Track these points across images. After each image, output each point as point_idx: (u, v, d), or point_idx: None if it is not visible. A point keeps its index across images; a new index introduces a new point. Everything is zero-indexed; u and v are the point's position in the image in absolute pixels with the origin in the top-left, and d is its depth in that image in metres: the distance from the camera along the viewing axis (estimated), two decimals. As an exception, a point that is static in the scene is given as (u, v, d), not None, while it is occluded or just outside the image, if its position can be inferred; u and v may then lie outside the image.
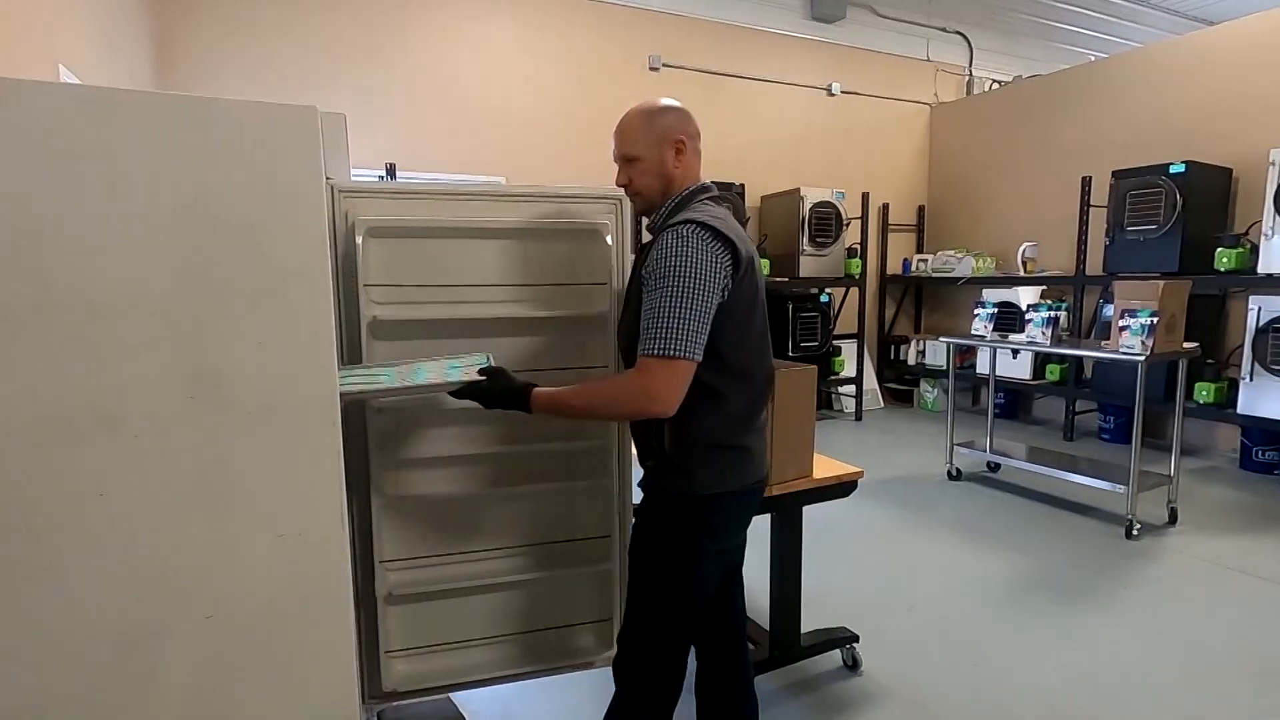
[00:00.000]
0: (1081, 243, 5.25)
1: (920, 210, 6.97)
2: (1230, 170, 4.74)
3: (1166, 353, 3.40)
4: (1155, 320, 3.28)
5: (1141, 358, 3.30)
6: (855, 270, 5.90)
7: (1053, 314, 3.81)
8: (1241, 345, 4.28)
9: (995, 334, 4.20)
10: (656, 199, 1.43)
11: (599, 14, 5.36)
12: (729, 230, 1.31)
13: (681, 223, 1.29)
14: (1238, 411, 4.26)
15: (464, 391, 1.39)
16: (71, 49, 2.61)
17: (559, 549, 1.85)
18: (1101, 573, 3.00)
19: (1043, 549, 3.26)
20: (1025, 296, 5.38)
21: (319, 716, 1.07)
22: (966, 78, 6.98)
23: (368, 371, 1.48)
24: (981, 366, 5.51)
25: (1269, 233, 4.20)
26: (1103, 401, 5.19)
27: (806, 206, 5.59)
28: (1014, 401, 6.15)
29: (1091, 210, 5.18)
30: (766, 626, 2.23)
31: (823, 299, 5.82)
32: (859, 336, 6.13)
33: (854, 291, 6.09)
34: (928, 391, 6.50)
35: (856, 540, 3.41)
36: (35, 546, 0.87)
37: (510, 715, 2.10)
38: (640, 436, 1.45)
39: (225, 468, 0.97)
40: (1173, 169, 4.56)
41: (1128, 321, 3.36)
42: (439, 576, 1.82)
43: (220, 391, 0.95)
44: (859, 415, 6.08)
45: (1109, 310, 4.24)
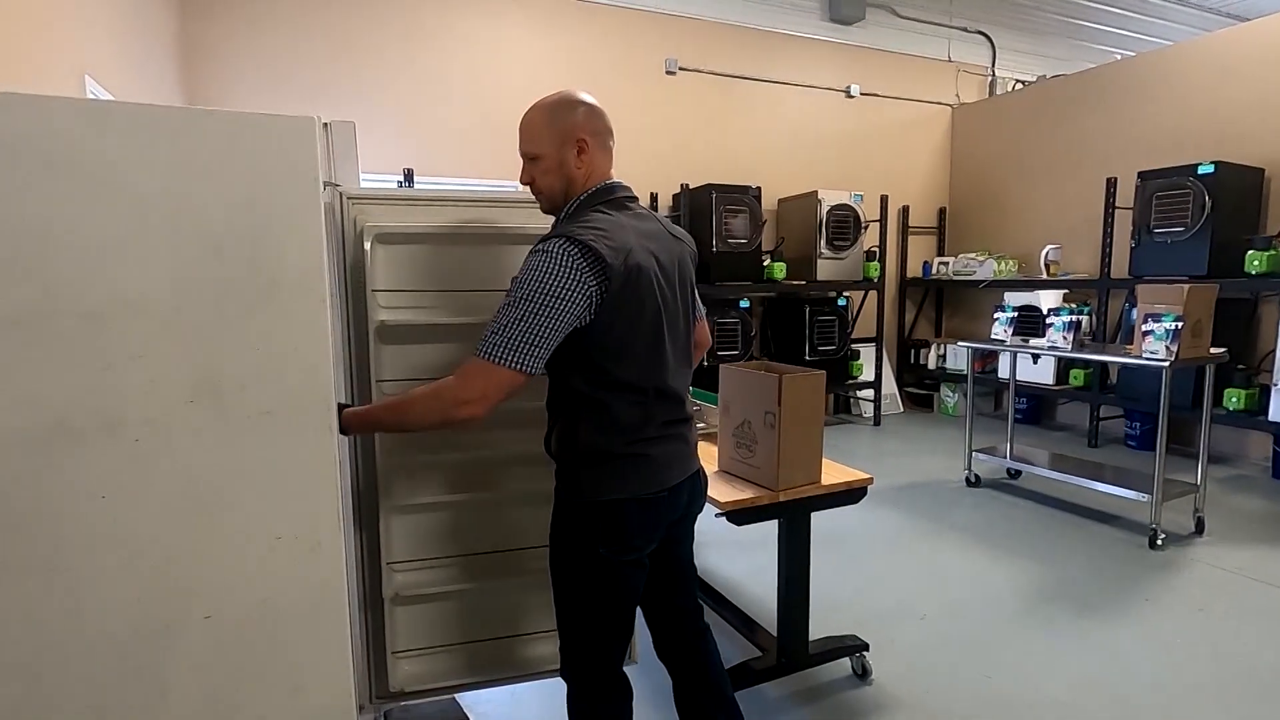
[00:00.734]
0: (1106, 245, 5.14)
1: (941, 212, 6.89)
2: (1262, 170, 4.61)
3: (1192, 358, 3.31)
4: (1180, 325, 3.20)
5: (1165, 363, 3.22)
6: (874, 273, 5.84)
7: (1074, 318, 3.74)
8: (1273, 351, 4.16)
9: (1016, 338, 4.13)
10: (559, 199, 1.40)
11: (616, 18, 5.38)
12: (608, 244, 1.24)
13: (555, 236, 1.25)
14: (1269, 419, 4.14)
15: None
16: (98, 60, 2.69)
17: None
18: (1122, 583, 2.93)
19: (1062, 558, 3.19)
20: (1048, 300, 5.28)
21: (317, 717, 1.09)
22: (989, 78, 6.88)
23: None
24: (1003, 371, 5.42)
25: (1302, 235, 4.07)
26: (1128, 408, 5.07)
27: (824, 209, 5.54)
28: (1037, 407, 6.04)
29: (1117, 212, 5.07)
30: (775, 633, 2.21)
31: (840, 302, 5.77)
32: (877, 340, 6.06)
33: (873, 295, 6.04)
34: (948, 396, 6.41)
35: (870, 547, 3.37)
36: (39, 547, 0.90)
37: (517, 716, 2.11)
38: (548, 426, 1.44)
39: (224, 471, 0.99)
40: (1201, 169, 4.45)
41: (1151, 326, 3.28)
42: (446, 578, 1.83)
43: (219, 396, 0.97)
44: (877, 420, 6.02)
45: (1135, 314, 4.15)
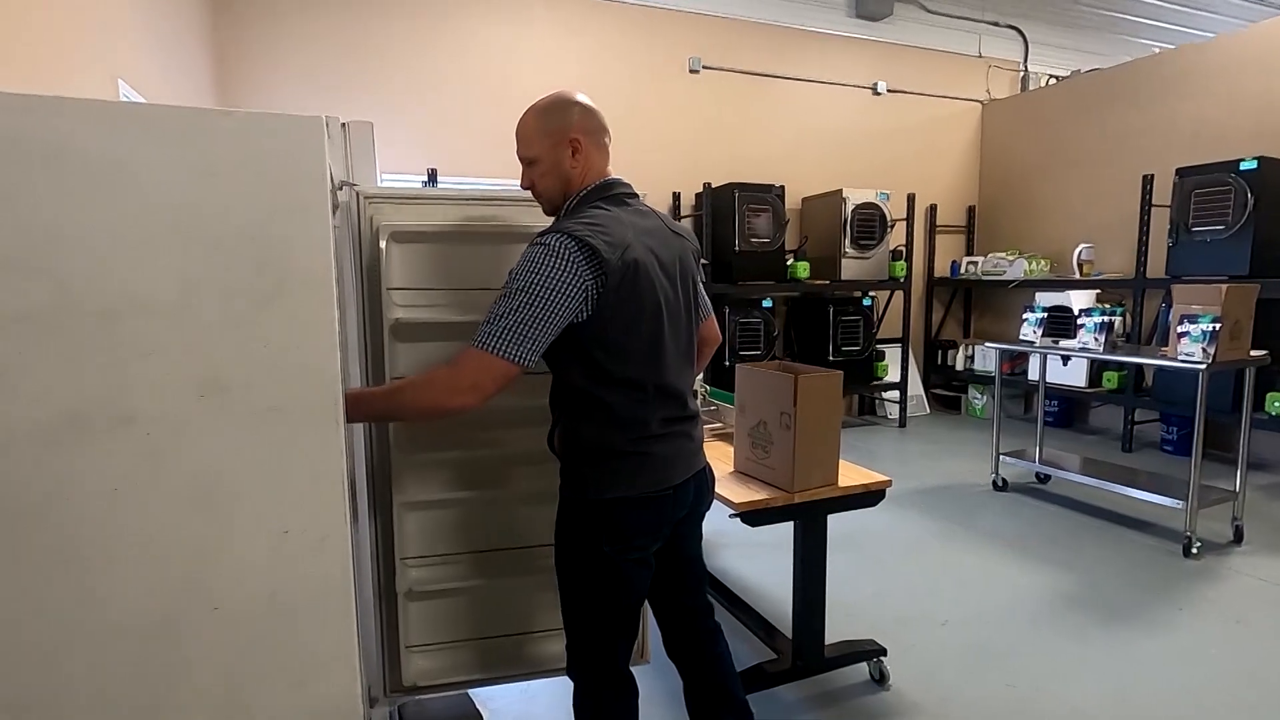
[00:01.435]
0: (1142, 244, 4.99)
1: (970, 211, 6.75)
2: (1309, 166, 4.44)
3: (1230, 361, 3.20)
4: (1217, 326, 3.09)
5: (1202, 366, 3.11)
6: (900, 273, 5.75)
7: (1107, 319, 3.64)
8: (1319, 353, 3.99)
9: (1046, 339, 4.03)
10: (558, 200, 1.41)
11: (639, 17, 5.38)
12: (605, 239, 1.25)
13: (552, 232, 1.25)
14: (1314, 424, 3.98)
15: None
16: (131, 64, 2.76)
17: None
18: (1154, 592, 2.85)
19: (1091, 565, 3.11)
20: (1079, 300, 5.14)
21: (323, 711, 1.10)
22: (1021, 73, 6.73)
23: None
24: (1032, 373, 5.29)
25: (1351, 233, 3.91)
26: (1165, 411, 4.92)
27: (849, 208, 5.47)
28: (1069, 410, 5.89)
29: (1154, 210, 4.92)
30: (790, 635, 2.19)
31: (865, 302, 5.69)
32: (903, 341, 5.97)
33: (899, 295, 5.94)
34: (976, 398, 6.29)
35: (891, 551, 3.32)
36: (52, 539, 0.92)
37: (529, 713, 2.12)
38: (548, 440, 1.46)
39: (232, 466, 1.00)
40: (1243, 165, 4.29)
41: (1187, 327, 3.18)
42: (458, 574, 1.85)
43: (227, 392, 0.99)
44: (903, 422, 5.92)
45: (1171, 315, 4.02)
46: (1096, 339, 3.64)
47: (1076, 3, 6.69)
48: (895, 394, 5.96)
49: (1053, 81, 6.61)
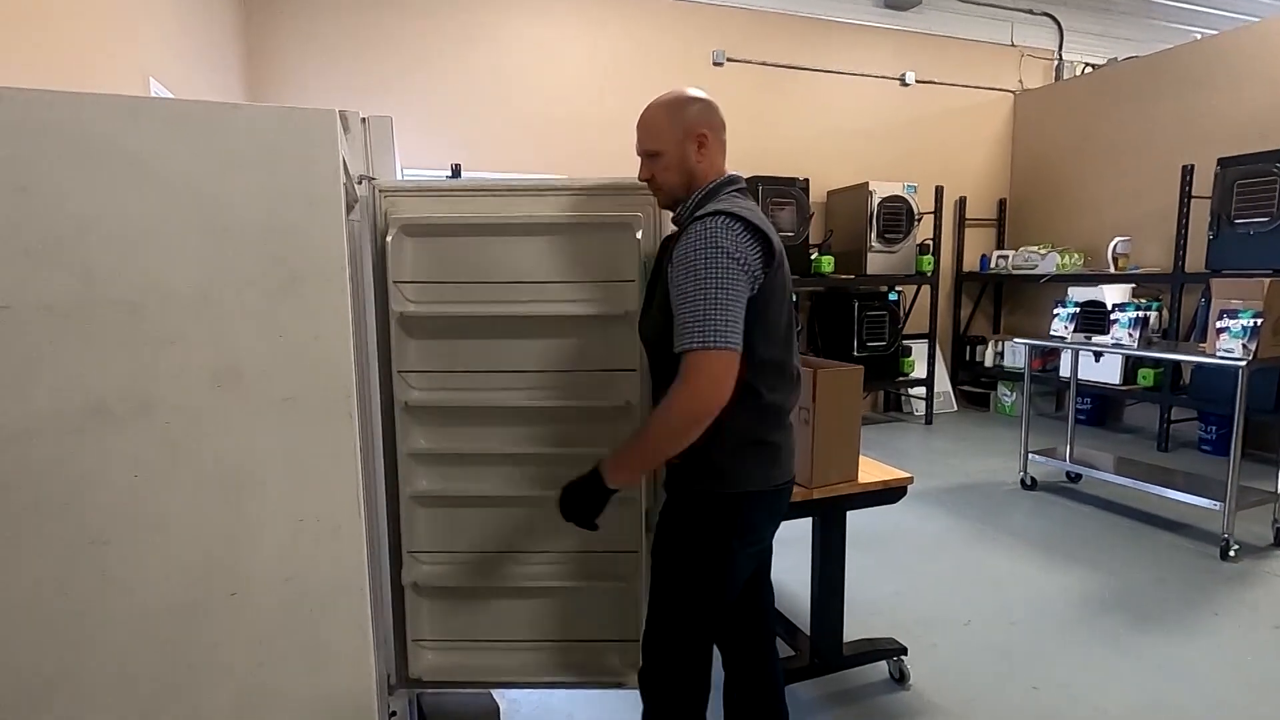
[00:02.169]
0: (1181, 237, 4.83)
1: (1001, 204, 6.61)
2: (1360, 155, 4.26)
3: (1272, 358, 3.09)
4: (1259, 321, 2.98)
5: (1242, 363, 3.01)
6: (927, 267, 5.65)
7: (1141, 314, 3.53)
8: (1368, 350, 3.83)
9: (1078, 335, 3.93)
10: (679, 194, 1.40)
11: (662, 10, 5.34)
12: (759, 222, 1.27)
13: (710, 214, 1.25)
14: (1362, 424, 3.83)
15: (564, 513, 1.40)
16: (162, 62, 2.82)
17: (586, 559, 1.81)
18: (1188, 596, 2.76)
19: (1122, 567, 3.02)
20: (1114, 295, 5.00)
21: (336, 695, 1.12)
22: (1055, 62, 6.55)
23: None
24: (1064, 370, 5.16)
25: (1405, 225, 3.74)
26: (1203, 410, 4.77)
27: (875, 201, 5.39)
28: (1102, 408, 5.74)
29: (1193, 202, 4.76)
30: (809, 633, 2.17)
31: (891, 297, 5.61)
32: (930, 336, 5.87)
33: (926, 290, 5.84)
34: (1005, 395, 6.16)
35: (915, 549, 3.27)
36: (75, 523, 0.94)
37: (548, 707, 2.13)
38: None
39: (248, 455, 1.02)
40: (1289, 155, 4.14)
41: (1226, 323, 3.07)
42: (466, 572, 1.82)
43: (244, 383, 1.01)
44: (929, 419, 5.83)
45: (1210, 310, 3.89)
46: (1131, 334, 3.54)
47: (1114, -12, 6.50)
48: (922, 390, 5.86)
49: (1088, 70, 6.43)
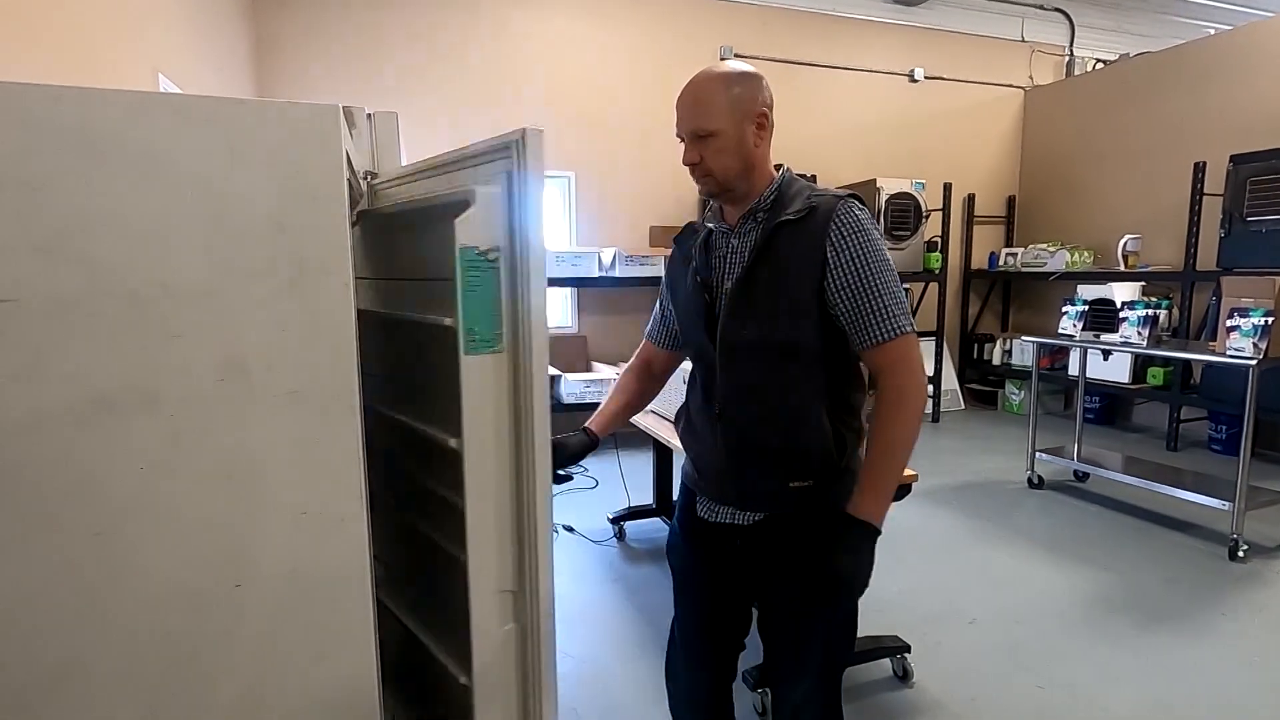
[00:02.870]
0: (1192, 235, 4.79)
1: (1010, 201, 6.57)
2: (1375, 152, 4.21)
3: (1284, 357, 3.06)
4: (1270, 320, 2.95)
5: (1253, 362, 2.99)
6: (935, 265, 5.63)
7: (1151, 312, 3.50)
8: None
9: (1087, 333, 3.91)
10: (734, 183, 1.23)
11: (670, 5, 5.33)
12: None
13: (844, 199, 1.19)
14: (1375, 424, 3.79)
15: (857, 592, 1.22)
16: (171, 58, 2.83)
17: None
18: (1197, 596, 2.75)
19: (1129, 567, 3.01)
20: (1123, 293, 4.97)
21: (341, 687, 1.12)
22: (1066, 58, 6.50)
23: None
24: (1073, 369, 5.13)
25: None
26: (1213, 409, 4.73)
27: (883, 198, 5.37)
28: (1110, 407, 5.70)
29: (1205, 199, 4.72)
30: (812, 631, 2.17)
31: (898, 294, 5.58)
32: (938, 334, 5.84)
33: (933, 287, 5.82)
34: (1013, 394, 6.13)
35: (920, 547, 3.26)
36: (82, 515, 0.95)
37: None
38: (786, 441, 1.23)
39: (252, 448, 1.03)
40: (1303, 152, 4.10)
41: (1237, 321, 3.04)
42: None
43: (249, 376, 1.01)
44: (936, 417, 5.81)
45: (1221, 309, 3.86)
46: (1140, 333, 3.51)
47: (1126, -16, 6.43)
48: (929, 388, 5.83)
49: (1099, 66, 6.38)
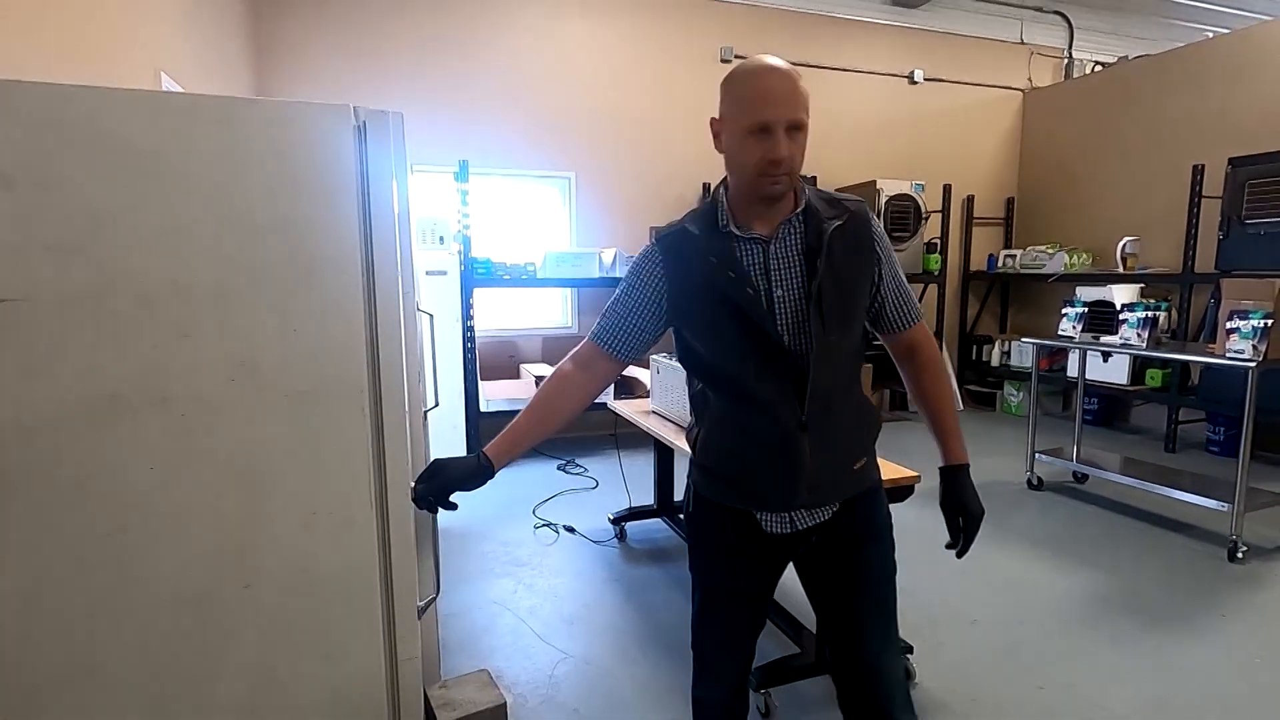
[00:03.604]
0: (1191, 237, 4.81)
1: (1009, 203, 6.58)
2: (1373, 156, 4.23)
3: (1282, 359, 3.07)
4: (1269, 322, 2.97)
5: (1252, 364, 3.00)
6: (934, 266, 5.64)
7: (1150, 314, 3.51)
8: (1380, 352, 3.80)
9: (1086, 334, 3.92)
10: (796, 183, 1.20)
11: (670, 6, 5.33)
12: None
13: (859, 201, 1.27)
14: (1373, 426, 3.80)
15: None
16: (173, 57, 2.83)
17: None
18: (1196, 597, 2.75)
19: (1129, 568, 3.02)
20: (1122, 295, 4.98)
21: (349, 683, 1.13)
22: (1065, 60, 6.52)
23: None
24: (1072, 370, 5.15)
25: None
26: (1212, 411, 4.75)
27: (882, 199, 5.38)
28: (1109, 408, 5.72)
29: (1204, 201, 4.73)
30: (815, 630, 2.17)
31: (898, 296, 5.59)
32: (937, 335, 5.85)
33: (933, 289, 5.83)
34: (1012, 395, 6.14)
35: (919, 548, 3.25)
36: (93, 513, 0.96)
37: (553, 698, 2.14)
38: (855, 431, 1.30)
39: (262, 447, 1.03)
40: (1301, 155, 4.11)
41: (1236, 323, 3.05)
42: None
43: (258, 376, 1.01)
44: (935, 418, 5.81)
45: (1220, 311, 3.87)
46: (1139, 335, 3.52)
47: (1125, -14, 6.45)
48: (928, 389, 5.84)
49: (1098, 68, 6.39)
